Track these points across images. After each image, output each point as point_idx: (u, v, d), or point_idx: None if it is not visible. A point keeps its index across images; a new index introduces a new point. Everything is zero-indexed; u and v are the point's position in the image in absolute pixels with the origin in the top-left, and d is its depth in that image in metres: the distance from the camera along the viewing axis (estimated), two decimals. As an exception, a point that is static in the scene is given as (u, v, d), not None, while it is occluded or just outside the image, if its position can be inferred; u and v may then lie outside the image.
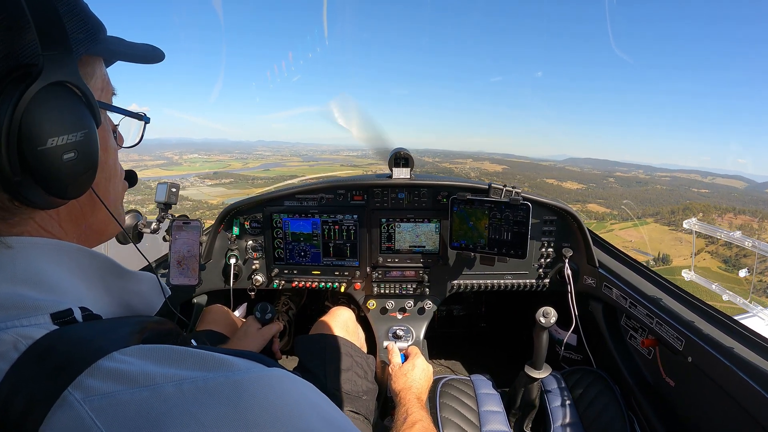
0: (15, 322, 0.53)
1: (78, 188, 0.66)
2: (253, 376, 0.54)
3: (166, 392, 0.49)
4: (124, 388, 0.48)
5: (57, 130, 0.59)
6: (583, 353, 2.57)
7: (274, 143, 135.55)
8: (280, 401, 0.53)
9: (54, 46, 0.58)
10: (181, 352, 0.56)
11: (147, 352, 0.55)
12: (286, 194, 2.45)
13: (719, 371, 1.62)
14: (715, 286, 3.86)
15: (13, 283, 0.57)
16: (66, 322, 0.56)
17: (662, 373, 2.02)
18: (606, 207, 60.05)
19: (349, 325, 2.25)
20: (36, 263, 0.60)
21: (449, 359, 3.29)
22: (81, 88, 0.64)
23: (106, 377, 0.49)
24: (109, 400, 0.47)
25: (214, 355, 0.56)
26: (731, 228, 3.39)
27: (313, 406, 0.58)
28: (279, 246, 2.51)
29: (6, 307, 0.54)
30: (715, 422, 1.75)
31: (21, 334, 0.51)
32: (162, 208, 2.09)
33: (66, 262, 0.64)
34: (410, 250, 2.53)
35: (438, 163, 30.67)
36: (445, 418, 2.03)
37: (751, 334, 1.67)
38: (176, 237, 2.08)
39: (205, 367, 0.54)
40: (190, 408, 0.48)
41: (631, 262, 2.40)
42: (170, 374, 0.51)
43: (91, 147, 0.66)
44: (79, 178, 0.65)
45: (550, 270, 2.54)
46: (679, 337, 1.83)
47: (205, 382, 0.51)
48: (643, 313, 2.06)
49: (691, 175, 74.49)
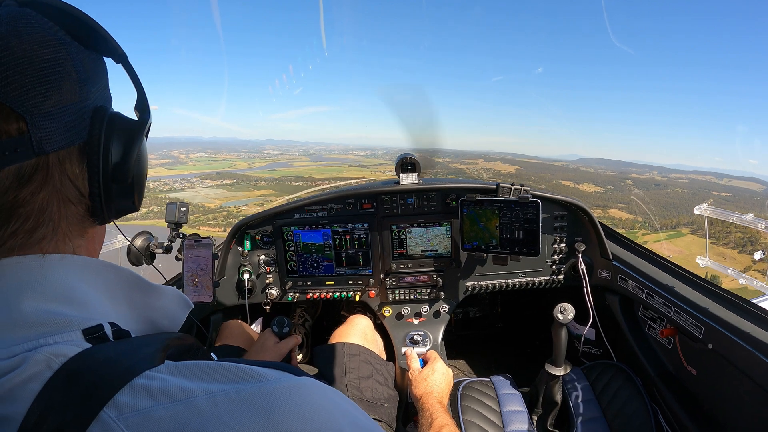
0: (48, 339, 0.53)
1: (138, 205, 0.79)
2: (285, 386, 0.56)
3: (200, 405, 0.50)
4: (157, 404, 0.49)
5: (141, 161, 0.76)
6: (603, 347, 2.56)
7: (283, 142, 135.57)
8: (312, 409, 0.55)
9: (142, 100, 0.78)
10: (211, 365, 0.57)
11: (177, 368, 0.56)
12: (295, 207, 2.46)
13: (740, 356, 1.61)
14: (731, 270, 3.83)
15: (44, 299, 0.58)
16: (98, 338, 0.58)
17: (683, 361, 2.01)
18: (629, 212, 57.49)
19: (367, 332, 2.26)
20: (67, 279, 0.61)
21: (468, 361, 3.28)
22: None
23: (139, 394, 0.50)
24: (144, 416, 0.48)
25: (244, 367, 0.57)
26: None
27: (345, 413, 0.59)
28: (291, 258, 2.52)
29: (38, 324, 0.55)
30: (739, 407, 1.74)
31: (53, 353, 0.52)
32: (173, 227, 2.11)
33: (94, 278, 0.66)
34: (422, 254, 2.53)
35: (449, 164, 30.33)
36: (468, 421, 2.03)
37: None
38: (188, 255, 2.09)
39: (236, 379, 0.55)
40: (225, 419, 0.49)
41: (645, 253, 2.38)
42: (202, 388, 0.52)
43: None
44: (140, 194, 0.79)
45: (564, 265, 2.53)
46: (697, 324, 1.81)
47: (237, 393, 0.52)
48: (660, 303, 2.05)
49: (706, 177, 72.16)
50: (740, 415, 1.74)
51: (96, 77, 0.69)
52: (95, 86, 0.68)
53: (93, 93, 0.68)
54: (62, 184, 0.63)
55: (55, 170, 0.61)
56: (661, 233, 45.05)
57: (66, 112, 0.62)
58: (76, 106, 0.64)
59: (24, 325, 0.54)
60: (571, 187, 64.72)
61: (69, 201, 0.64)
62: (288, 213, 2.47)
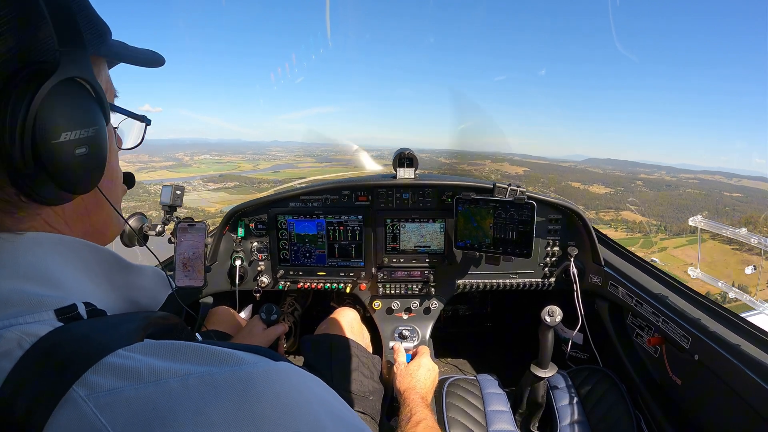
0: (19, 319, 0.52)
1: (88, 183, 0.66)
2: (261, 370, 0.54)
3: (171, 387, 0.49)
4: (128, 384, 0.48)
5: (70, 124, 0.60)
6: (590, 352, 2.57)
7: (288, 144, 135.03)
8: (288, 395, 0.53)
9: (70, 43, 0.59)
10: (187, 347, 0.55)
11: (152, 347, 0.54)
12: (290, 195, 2.45)
13: (726, 369, 1.61)
14: (722, 283, 3.84)
15: (17, 279, 0.56)
16: (70, 318, 0.56)
17: (669, 371, 2.02)
18: (642, 215, 55.40)
19: (354, 325, 2.26)
20: (40, 259, 0.60)
21: (455, 359, 3.28)
22: (93, 85, 0.65)
23: (111, 374, 0.49)
24: (114, 396, 0.47)
25: (221, 350, 0.56)
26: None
27: (322, 401, 0.57)
28: (284, 247, 2.52)
29: (10, 303, 0.53)
30: (722, 420, 1.75)
31: (25, 332, 0.50)
32: (167, 210, 2.10)
33: (70, 257, 0.64)
34: (415, 250, 2.53)
35: (456, 165, 30.14)
36: (452, 418, 2.03)
37: (758, 331, 1.66)
38: (181, 239, 2.08)
39: (211, 362, 0.53)
40: (197, 402, 0.48)
41: (637, 260, 2.39)
42: (175, 369, 0.51)
43: (102, 143, 0.66)
44: (90, 173, 0.66)
45: (556, 269, 2.54)
46: (685, 335, 1.82)
47: (211, 376, 0.51)
48: (650, 312, 2.05)
49: (715, 177, 70.63)
50: (723, 427, 1.74)
51: (5, 30, 0.54)
52: (6, 43, 0.55)
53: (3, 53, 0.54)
54: None
55: None
56: (681, 237, 42.61)
57: None
58: None
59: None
60: (581, 188, 64.09)
61: None
62: (283, 201, 2.47)
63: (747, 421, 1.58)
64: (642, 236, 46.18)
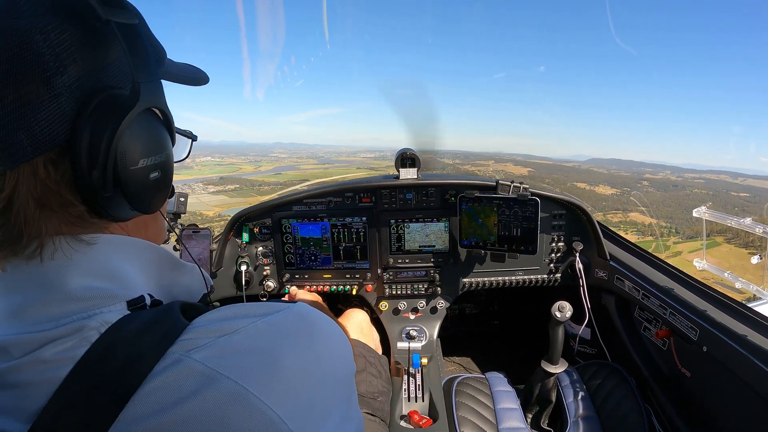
0: (96, 311, 0.58)
1: (158, 203, 0.73)
2: (296, 308, 0.68)
3: (250, 332, 0.60)
4: (215, 338, 0.58)
5: (147, 151, 0.65)
6: (598, 347, 2.57)
7: (292, 145, 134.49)
8: (323, 318, 0.70)
9: (147, 73, 0.63)
10: (236, 307, 0.66)
11: (210, 315, 0.63)
12: (294, 199, 2.46)
13: (734, 359, 1.61)
14: (728, 274, 3.83)
15: (90, 276, 0.60)
16: (139, 308, 0.63)
17: (677, 363, 2.02)
18: (651, 216, 54.09)
19: (363, 326, 2.26)
20: (109, 257, 0.64)
21: (463, 357, 3.29)
22: (165, 113, 0.71)
23: (196, 335, 0.58)
24: (209, 348, 0.56)
25: (260, 304, 0.68)
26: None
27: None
28: (289, 251, 2.52)
29: (85, 298, 0.58)
30: (732, 410, 1.74)
31: (104, 320, 0.57)
32: (171, 218, 2.10)
33: (134, 255, 0.69)
34: (420, 250, 2.54)
35: (459, 165, 29.40)
36: (462, 417, 2.03)
37: (765, 320, 1.66)
38: (186, 246, 2.09)
39: (258, 313, 0.64)
40: (272, 337, 0.61)
41: (642, 254, 2.39)
42: (243, 322, 0.61)
43: (170, 166, 0.73)
44: (160, 194, 0.72)
45: (561, 264, 2.54)
46: (693, 327, 1.82)
47: (269, 318, 0.63)
48: (656, 305, 2.05)
49: (721, 176, 69.11)
50: (733, 417, 1.74)
51: (78, 56, 0.57)
52: (80, 69, 0.57)
53: (75, 80, 0.57)
54: (39, 190, 0.57)
55: (25, 179, 0.55)
56: (696, 241, 39.68)
57: (25, 115, 0.53)
58: (44, 103, 0.54)
59: (72, 300, 0.58)
60: (587, 189, 63.19)
61: (50, 208, 0.59)
62: (287, 205, 2.47)
63: (757, 411, 1.58)
64: (654, 240, 44.84)
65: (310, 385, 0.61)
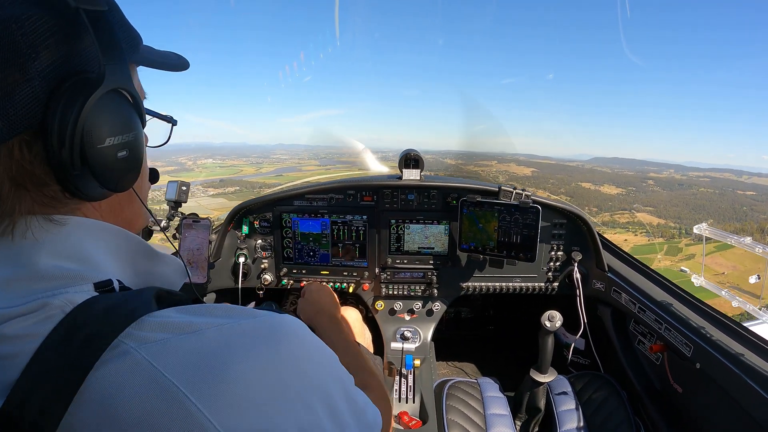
0: (62, 290, 0.59)
1: (127, 182, 0.73)
2: (277, 319, 0.66)
3: (210, 335, 0.59)
4: (172, 335, 0.57)
5: (114, 130, 0.67)
6: (591, 358, 2.56)
7: (293, 146, 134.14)
8: (304, 335, 0.69)
9: (112, 56, 0.65)
10: (211, 306, 0.66)
11: (182, 308, 0.64)
12: (296, 194, 2.46)
13: (727, 378, 1.61)
14: (725, 292, 3.82)
15: (59, 257, 0.62)
16: (107, 291, 0.63)
17: (670, 379, 2.02)
18: (658, 216, 53.20)
19: (356, 325, 2.26)
20: (80, 240, 0.66)
21: (456, 361, 3.29)
22: (132, 94, 0.72)
23: (153, 328, 0.57)
24: (162, 345, 0.55)
25: (239, 307, 0.68)
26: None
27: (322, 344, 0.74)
28: (288, 245, 2.52)
29: (53, 277, 0.60)
30: (721, 428, 1.74)
31: (68, 299, 0.58)
32: (172, 206, 2.11)
33: (105, 241, 0.70)
34: (419, 251, 2.53)
35: (462, 166, 29.03)
36: (451, 420, 2.04)
37: (761, 341, 1.66)
38: (186, 235, 2.09)
39: (234, 316, 0.63)
40: (233, 346, 0.59)
41: (641, 267, 2.38)
42: (209, 322, 0.60)
43: (139, 146, 0.74)
44: (129, 173, 0.73)
45: (560, 273, 2.53)
46: (687, 343, 1.82)
47: (240, 325, 0.62)
48: (652, 319, 2.05)
49: (725, 175, 68.22)
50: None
51: (51, 43, 0.59)
52: (52, 55, 0.60)
53: (47, 65, 0.59)
54: (14, 170, 0.59)
55: (1, 160, 0.58)
56: (710, 243, 38.28)
57: (1, 99, 0.55)
58: (18, 88, 0.56)
59: (40, 279, 0.59)
60: (591, 189, 62.18)
61: (24, 187, 0.61)
62: (288, 200, 2.47)
63: (747, 430, 1.58)
64: (666, 242, 44.02)
65: (264, 401, 0.58)
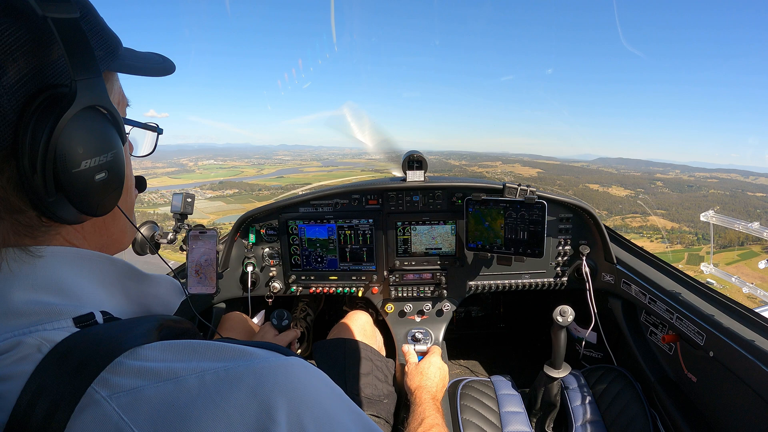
0: (38, 327, 0.55)
1: (108, 205, 0.69)
2: (273, 364, 0.57)
3: (189, 384, 0.52)
4: (148, 383, 0.51)
5: (90, 152, 0.61)
6: (604, 351, 2.56)
7: (296, 147, 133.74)
8: (298, 387, 0.56)
9: (85, 70, 0.59)
10: (201, 344, 0.58)
11: (167, 346, 0.57)
12: (301, 201, 2.46)
13: (741, 365, 1.60)
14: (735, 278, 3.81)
15: (35, 290, 0.58)
16: (87, 325, 0.58)
17: (684, 368, 2.01)
18: (670, 220, 51.82)
19: (366, 328, 2.26)
20: (57, 271, 0.61)
21: (468, 360, 3.28)
22: (110, 110, 0.66)
23: (130, 373, 0.51)
24: (135, 395, 0.50)
25: (234, 346, 0.59)
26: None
27: (333, 392, 0.61)
28: (295, 252, 2.53)
29: (29, 313, 0.56)
30: (738, 416, 1.73)
31: (44, 338, 0.53)
32: (178, 218, 2.12)
33: (87, 269, 0.66)
34: (427, 252, 2.54)
35: (466, 167, 28.44)
36: (466, 419, 2.03)
37: None
38: (193, 246, 2.10)
39: (224, 358, 0.56)
40: (213, 397, 0.51)
41: (649, 257, 2.38)
42: (192, 367, 0.54)
43: (120, 166, 0.68)
44: (109, 196, 0.67)
45: (568, 268, 2.53)
46: (699, 331, 1.81)
47: (226, 371, 0.54)
48: (663, 309, 2.04)
49: (731, 175, 67.33)
50: (739, 423, 1.73)
51: (19, 56, 0.55)
52: (20, 69, 0.55)
53: (15, 81, 0.54)
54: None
55: None
56: (732, 250, 35.72)
57: None
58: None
59: (15, 315, 0.55)
60: (600, 191, 61.78)
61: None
62: (293, 207, 2.48)
63: (763, 417, 1.57)
64: (685, 248, 41.85)
65: None
